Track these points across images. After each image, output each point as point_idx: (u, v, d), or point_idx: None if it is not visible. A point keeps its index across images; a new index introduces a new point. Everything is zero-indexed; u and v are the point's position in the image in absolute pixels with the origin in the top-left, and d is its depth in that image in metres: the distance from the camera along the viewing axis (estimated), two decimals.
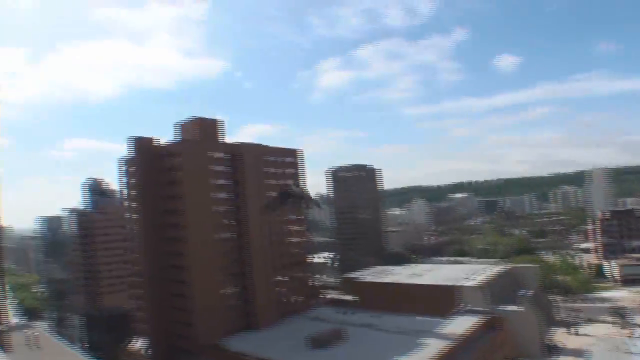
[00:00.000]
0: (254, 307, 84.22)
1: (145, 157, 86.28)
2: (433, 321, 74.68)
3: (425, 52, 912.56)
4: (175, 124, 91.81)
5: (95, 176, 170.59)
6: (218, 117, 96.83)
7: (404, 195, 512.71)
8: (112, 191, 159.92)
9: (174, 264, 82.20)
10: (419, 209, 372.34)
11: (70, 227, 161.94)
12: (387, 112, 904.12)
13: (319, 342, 68.07)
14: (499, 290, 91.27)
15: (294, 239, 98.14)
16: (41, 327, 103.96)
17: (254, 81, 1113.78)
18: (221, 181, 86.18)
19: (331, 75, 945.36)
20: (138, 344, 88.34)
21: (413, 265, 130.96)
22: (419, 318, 77.29)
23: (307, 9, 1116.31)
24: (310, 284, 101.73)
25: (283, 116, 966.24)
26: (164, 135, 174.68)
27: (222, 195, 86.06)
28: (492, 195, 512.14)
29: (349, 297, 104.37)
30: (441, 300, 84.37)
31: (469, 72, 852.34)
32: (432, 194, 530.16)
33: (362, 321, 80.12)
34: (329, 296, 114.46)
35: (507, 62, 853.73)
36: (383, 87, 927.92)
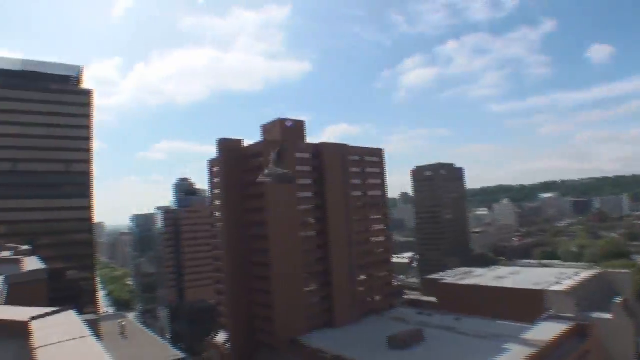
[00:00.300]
0: (333, 304, 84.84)
1: (231, 157, 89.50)
2: (517, 326, 71.59)
3: (511, 46, 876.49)
4: (260, 126, 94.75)
5: (184, 176, 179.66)
6: (301, 117, 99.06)
7: (489, 195, 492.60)
8: (200, 190, 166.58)
9: (257, 261, 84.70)
10: (504, 209, 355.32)
11: (160, 224, 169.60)
12: (472, 110, 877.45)
13: (398, 343, 67.35)
14: (589, 296, 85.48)
15: (376, 238, 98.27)
16: (130, 318, 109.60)
17: (337, 82, 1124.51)
18: (304, 180, 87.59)
19: (414, 73, 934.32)
20: (220, 337, 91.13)
21: (497, 267, 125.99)
22: (502, 322, 74.64)
23: (388, 7, 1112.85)
24: (390, 283, 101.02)
25: (366, 116, 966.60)
26: (249, 136, 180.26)
27: (305, 194, 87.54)
28: (583, 195, 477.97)
29: (429, 299, 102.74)
30: (526, 305, 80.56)
31: (558, 66, 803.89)
32: (519, 194, 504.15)
33: (443, 323, 78.26)
34: (409, 297, 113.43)
35: (599, 53, 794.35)
36: (468, 84, 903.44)
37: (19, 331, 4.37)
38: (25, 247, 22.76)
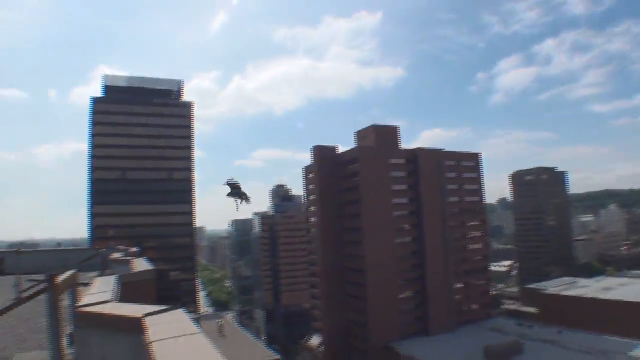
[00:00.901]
0: (428, 312, 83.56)
1: (326, 164, 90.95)
2: (625, 342, 66.40)
3: (614, 41, 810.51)
4: (354, 132, 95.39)
5: (280, 183, 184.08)
6: (396, 123, 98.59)
7: (595, 200, 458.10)
8: (296, 196, 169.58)
9: (352, 266, 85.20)
10: (612, 215, 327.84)
11: (257, 229, 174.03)
12: (573, 110, 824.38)
13: (495, 355, 65.21)
14: None
15: (473, 245, 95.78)
16: (228, 318, 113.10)
17: (430, 86, 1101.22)
18: (399, 186, 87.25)
19: (510, 75, 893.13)
20: (314, 340, 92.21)
21: (604, 277, 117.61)
22: (608, 337, 69.41)
23: (479, 8, 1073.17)
24: (488, 292, 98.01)
25: (461, 120, 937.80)
26: (344, 143, 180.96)
27: (400, 200, 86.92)
28: None
29: (529, 309, 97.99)
30: (637, 320, 75.02)
31: None
32: (628, 199, 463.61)
33: (543, 336, 74.36)
34: (507, 307, 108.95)
35: None
36: (568, 83, 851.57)
37: (133, 326, 4.65)
38: (134, 249, 23.99)
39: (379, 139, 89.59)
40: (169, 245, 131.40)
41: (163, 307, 5.05)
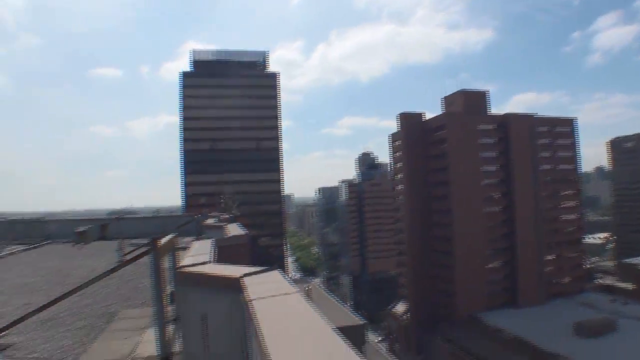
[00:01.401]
0: (517, 284, 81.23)
1: (412, 131, 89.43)
2: None
3: None
4: (441, 98, 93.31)
5: (367, 150, 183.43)
6: (485, 88, 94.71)
7: None
8: (382, 164, 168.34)
9: (439, 235, 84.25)
10: None
11: (344, 197, 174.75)
12: None
13: (586, 331, 62.02)
14: None
15: (566, 216, 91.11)
16: (315, 283, 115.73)
17: (521, 48, 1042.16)
18: (488, 153, 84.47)
19: (608, 33, 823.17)
20: (400, 307, 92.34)
21: None
22: None
23: None
24: (581, 265, 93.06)
25: (555, 83, 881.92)
26: (431, 109, 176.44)
27: (489, 167, 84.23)
28: None
29: (626, 285, 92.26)
30: None
31: None
32: None
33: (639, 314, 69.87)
34: (602, 281, 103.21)
35: None
36: None
37: (233, 286, 4.90)
38: (226, 216, 24.56)
39: (468, 104, 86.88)
40: (258, 213, 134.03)
41: (260, 268, 5.30)
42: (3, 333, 7.66)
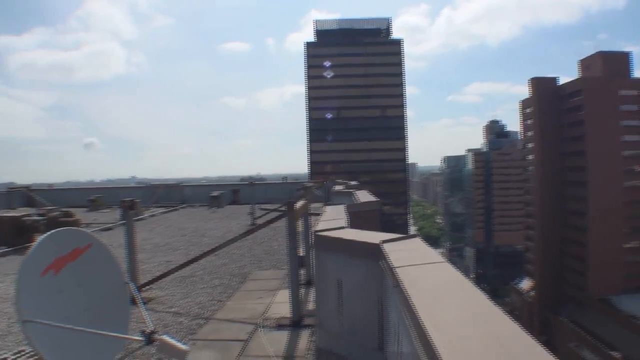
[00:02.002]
0: None
1: (545, 97, 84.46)
2: None
3: None
4: (578, 61, 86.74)
5: (495, 118, 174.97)
6: (628, 49, 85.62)
7: None
8: (511, 132, 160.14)
9: (572, 209, 79.14)
10: None
11: (470, 166, 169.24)
12: None
13: None
14: None
15: None
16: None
17: None
18: (630, 122, 76.88)
19: None
20: (525, 284, 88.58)
21: None
22: None
23: None
24: None
25: None
26: (566, 74, 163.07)
27: (632, 137, 76.64)
28: None
29: None
30: None
31: None
32: None
33: None
34: None
35: None
36: None
37: (371, 252, 4.73)
38: (353, 182, 24.61)
39: (607, 68, 79.58)
40: (382, 181, 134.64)
41: (399, 235, 5.07)
42: (147, 287, 8.72)
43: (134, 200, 8.96)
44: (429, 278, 3.55)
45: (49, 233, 4.04)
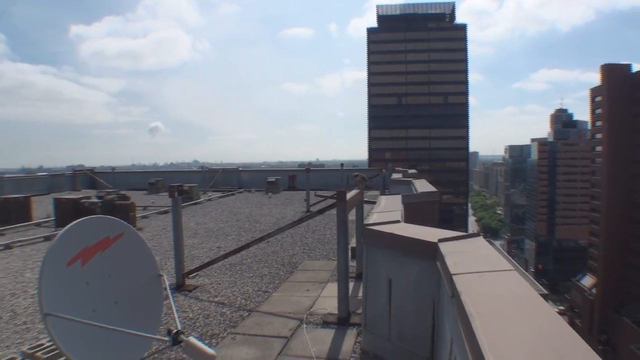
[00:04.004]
0: None
1: (616, 85, 79.95)
2: None
3: None
4: None
5: (562, 107, 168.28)
6: None
7: None
8: (580, 122, 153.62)
9: None
10: None
11: (534, 157, 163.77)
12: None
13: None
14: None
15: None
16: (496, 245, 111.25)
17: None
18: None
19: None
20: (587, 280, 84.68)
21: None
22: None
23: None
24: None
25: None
26: None
27: None
28: None
29: None
30: None
31: None
32: None
33: None
34: None
35: None
36: None
37: (426, 252, 4.19)
38: (412, 171, 23.65)
39: None
40: (442, 169, 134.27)
41: (459, 233, 4.51)
42: (194, 274, 8.70)
43: (182, 185, 8.92)
44: (493, 291, 2.87)
45: (77, 221, 3.80)
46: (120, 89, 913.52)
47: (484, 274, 3.19)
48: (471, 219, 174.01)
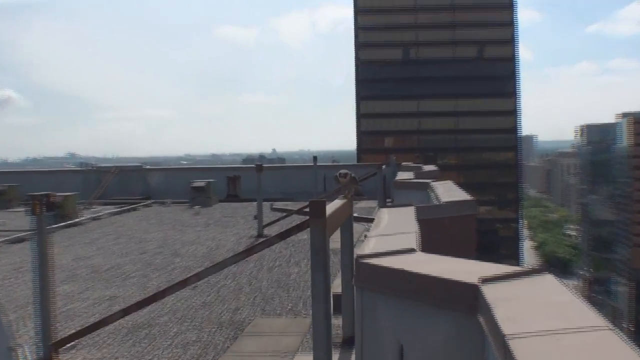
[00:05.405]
0: None
1: None
2: None
3: None
4: None
5: None
6: None
7: None
8: None
9: None
10: None
11: (625, 142, 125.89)
12: None
13: None
14: None
15: None
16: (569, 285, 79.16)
17: None
18: None
19: None
20: None
21: None
22: None
23: None
24: None
25: None
26: None
27: None
28: None
29: None
30: None
31: None
32: None
33: None
34: None
35: None
36: None
37: (461, 299, 2.90)
38: (430, 168, 17.43)
39: None
40: (478, 164, 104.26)
41: (515, 269, 3.08)
42: (71, 343, 6.08)
43: (50, 194, 7.31)
44: None
45: None
46: None
47: (559, 335, 2.13)
48: (527, 244, 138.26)
